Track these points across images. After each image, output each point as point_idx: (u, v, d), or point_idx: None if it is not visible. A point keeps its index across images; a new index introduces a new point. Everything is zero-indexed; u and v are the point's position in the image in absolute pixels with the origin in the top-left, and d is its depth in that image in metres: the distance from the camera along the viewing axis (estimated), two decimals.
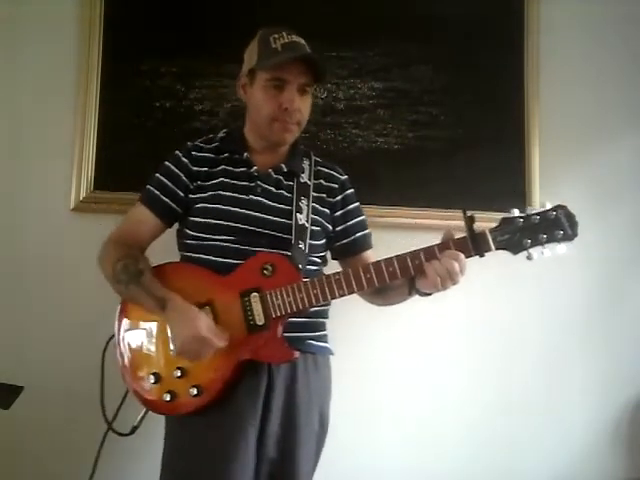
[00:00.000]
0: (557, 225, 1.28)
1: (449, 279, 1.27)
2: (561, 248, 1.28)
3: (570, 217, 1.29)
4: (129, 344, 1.42)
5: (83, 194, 2.02)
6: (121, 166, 2.04)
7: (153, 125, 2.07)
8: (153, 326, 1.40)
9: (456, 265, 1.26)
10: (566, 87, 2.25)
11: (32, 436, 1.93)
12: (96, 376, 1.46)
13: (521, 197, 2.17)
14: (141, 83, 2.07)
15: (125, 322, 1.44)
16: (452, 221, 2.11)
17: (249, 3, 2.13)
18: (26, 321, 1.99)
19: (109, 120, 2.05)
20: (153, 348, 1.40)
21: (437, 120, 2.18)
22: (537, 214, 1.28)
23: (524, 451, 2.16)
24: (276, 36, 1.44)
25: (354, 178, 2.10)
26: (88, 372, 1.85)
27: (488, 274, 2.10)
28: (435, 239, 1.34)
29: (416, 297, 1.41)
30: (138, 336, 1.42)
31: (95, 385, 1.47)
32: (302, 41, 1.47)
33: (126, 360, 1.42)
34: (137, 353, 1.41)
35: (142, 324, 1.42)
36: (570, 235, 1.28)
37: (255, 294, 1.35)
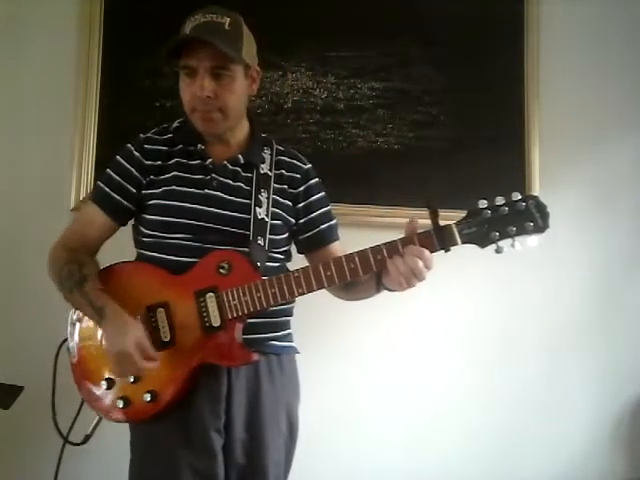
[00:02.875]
0: (527, 216, 1.18)
1: (414, 277, 1.20)
2: (532, 240, 1.19)
3: (541, 207, 1.19)
4: (81, 349, 1.36)
5: (83, 194, 2.02)
6: None
7: (153, 125, 2.05)
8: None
9: (420, 263, 1.19)
10: (566, 87, 2.25)
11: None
12: None
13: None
14: (141, 83, 2.07)
15: (77, 326, 1.38)
16: (452, 221, 2.12)
17: (249, 3, 2.12)
18: (26, 321, 1.99)
19: (109, 120, 2.05)
20: (105, 352, 1.31)
21: (437, 120, 2.19)
22: (505, 204, 1.19)
23: (524, 451, 2.15)
24: (192, 18, 1.35)
25: (354, 178, 2.13)
26: None
27: (487, 274, 2.11)
28: None
29: (406, 293, 1.37)
30: (90, 340, 1.35)
31: None
32: (222, 19, 1.34)
33: (77, 365, 1.36)
34: (89, 357, 1.35)
35: (94, 328, 1.34)
36: (541, 227, 1.18)
37: (211, 294, 1.27)
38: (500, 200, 1.21)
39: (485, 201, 1.21)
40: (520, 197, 1.20)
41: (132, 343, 1.22)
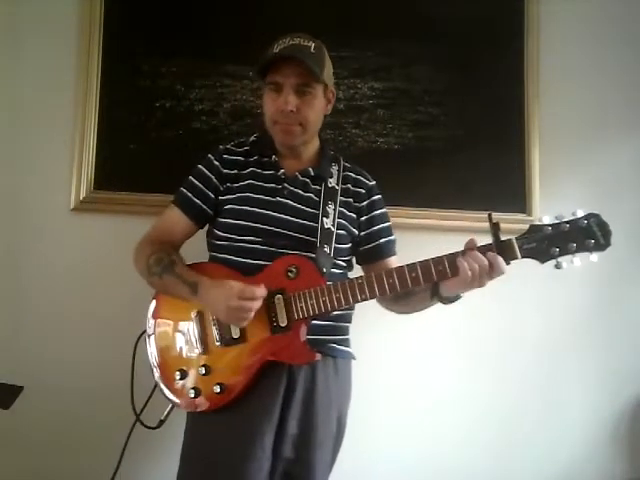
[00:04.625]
0: (588, 234, 1.24)
1: (480, 276, 1.27)
2: (593, 257, 1.24)
3: (603, 226, 1.26)
4: (159, 341, 1.47)
5: (83, 194, 2.02)
6: (121, 166, 2.04)
7: (153, 125, 2.07)
8: (182, 325, 1.45)
9: (486, 261, 1.27)
10: (566, 87, 2.25)
11: (36, 433, 1.94)
12: (97, 373, 1.47)
13: (521, 197, 2.17)
14: (141, 83, 2.07)
15: (156, 320, 1.48)
16: (452, 221, 2.12)
17: (249, 3, 2.13)
18: (26, 321, 1.99)
19: (109, 120, 2.05)
20: (180, 346, 1.44)
21: (437, 120, 2.18)
22: (567, 222, 1.25)
23: (524, 451, 2.15)
24: (280, 41, 1.48)
25: None
26: (87, 369, 1.85)
27: None
28: (435, 239, 1.34)
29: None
30: (167, 334, 1.46)
31: (93, 382, 1.47)
32: (308, 43, 1.48)
33: (155, 356, 1.46)
34: (165, 350, 1.46)
35: (172, 323, 1.46)
36: (603, 245, 1.25)
37: (279, 296, 1.37)
38: (561, 217, 1.27)
39: (547, 217, 1.27)
40: (582, 215, 1.26)
41: (237, 285, 1.32)
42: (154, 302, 1.50)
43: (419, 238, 1.97)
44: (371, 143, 2.15)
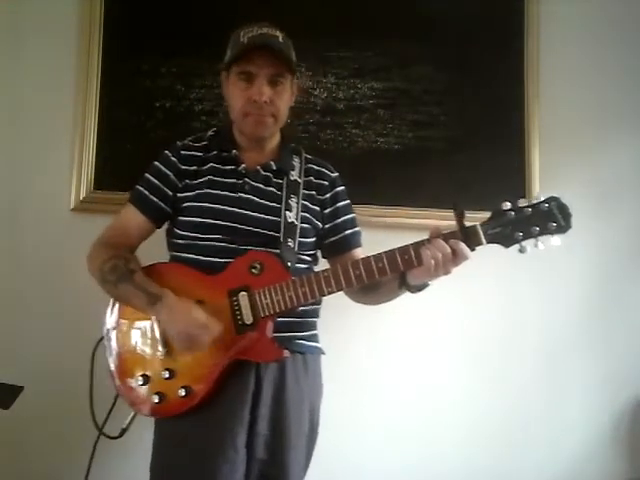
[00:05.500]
0: (550, 217, 1.24)
1: (444, 263, 1.25)
2: (555, 240, 1.25)
3: (563, 208, 1.25)
4: (117, 346, 1.41)
5: (83, 194, 2.02)
6: (121, 166, 2.04)
7: (153, 125, 2.07)
8: (142, 327, 1.39)
9: (448, 248, 1.25)
10: (566, 87, 2.25)
11: (32, 435, 1.94)
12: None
13: (521, 197, 2.16)
14: (141, 83, 2.07)
15: (114, 323, 1.43)
16: (452, 221, 2.11)
17: (249, 3, 2.13)
18: (26, 321, 1.99)
19: (109, 120, 2.05)
20: (141, 349, 1.39)
21: (437, 120, 2.18)
22: (529, 206, 1.25)
23: (524, 451, 2.15)
24: (247, 30, 1.44)
25: (354, 178, 2.11)
26: (87, 372, 1.84)
27: (487, 274, 2.11)
28: None
29: (409, 295, 1.40)
30: (126, 337, 1.41)
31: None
32: (275, 32, 1.45)
33: (114, 362, 1.41)
34: (125, 355, 1.40)
35: (131, 325, 1.41)
36: (564, 227, 1.24)
37: (243, 293, 1.33)
38: (523, 202, 1.27)
39: (509, 203, 1.27)
40: (543, 198, 1.26)
41: (202, 315, 1.29)
42: (112, 304, 1.44)
43: (419, 238, 1.97)
44: (371, 143, 2.15)
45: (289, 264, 1.38)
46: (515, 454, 2.15)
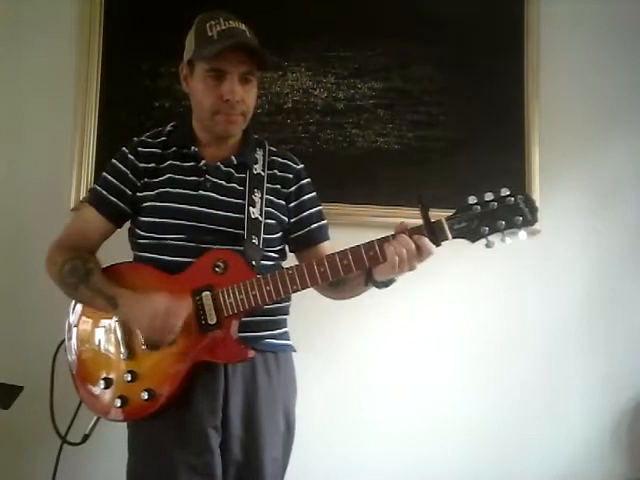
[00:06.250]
0: (516, 211, 1.22)
1: (411, 257, 1.22)
2: (522, 234, 1.22)
3: (529, 202, 1.22)
4: (78, 349, 1.38)
5: (83, 194, 2.02)
6: None
7: (153, 125, 2.03)
8: (103, 330, 1.36)
9: (412, 244, 1.22)
10: (566, 87, 2.25)
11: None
12: None
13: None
14: (141, 83, 2.07)
15: (74, 326, 1.40)
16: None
17: (249, 3, 2.13)
18: (26, 321, 1.98)
19: (109, 120, 2.05)
20: (103, 352, 1.35)
21: (437, 120, 2.18)
22: (495, 200, 1.22)
23: (524, 452, 2.15)
24: (213, 23, 1.38)
25: (354, 178, 2.13)
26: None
27: (486, 275, 2.11)
28: None
29: (409, 295, 1.38)
30: (87, 340, 1.37)
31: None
32: (241, 26, 1.39)
33: (75, 365, 1.37)
34: (87, 354, 1.37)
35: (92, 328, 1.37)
36: (530, 220, 1.21)
37: (207, 293, 1.30)
38: (489, 196, 1.24)
39: (474, 197, 1.25)
40: (509, 192, 1.23)
41: (164, 300, 1.26)
42: (73, 305, 1.41)
43: None
44: (371, 143, 2.15)
45: (254, 262, 1.34)
46: (515, 454, 2.15)
